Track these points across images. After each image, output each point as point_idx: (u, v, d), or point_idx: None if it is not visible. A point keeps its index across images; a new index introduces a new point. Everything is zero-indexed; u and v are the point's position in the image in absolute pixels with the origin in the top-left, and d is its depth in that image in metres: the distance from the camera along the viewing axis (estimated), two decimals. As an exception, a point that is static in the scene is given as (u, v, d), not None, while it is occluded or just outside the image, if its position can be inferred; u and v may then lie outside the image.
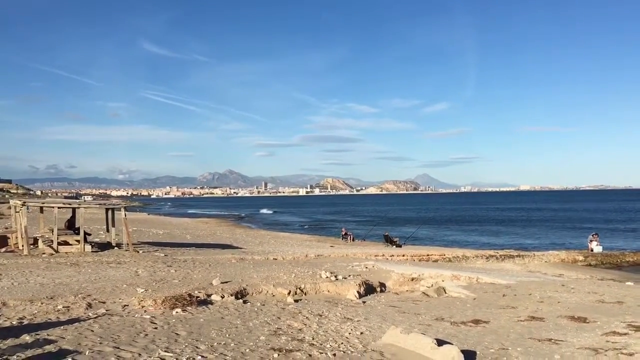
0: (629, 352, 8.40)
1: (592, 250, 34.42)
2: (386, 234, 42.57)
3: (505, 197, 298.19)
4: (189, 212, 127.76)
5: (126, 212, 24.88)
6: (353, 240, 45.04)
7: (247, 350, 8.22)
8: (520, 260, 29.85)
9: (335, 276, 16.57)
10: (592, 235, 36.62)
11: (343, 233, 47.11)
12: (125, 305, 11.17)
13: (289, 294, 13.86)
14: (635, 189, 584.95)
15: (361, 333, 9.74)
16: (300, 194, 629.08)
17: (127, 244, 23.58)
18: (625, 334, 9.71)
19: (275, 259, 23.76)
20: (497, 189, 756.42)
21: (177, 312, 10.73)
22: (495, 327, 10.62)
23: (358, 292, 14.67)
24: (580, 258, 31.82)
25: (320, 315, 11.35)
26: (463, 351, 7.97)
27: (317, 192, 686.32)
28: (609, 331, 9.97)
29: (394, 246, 37.69)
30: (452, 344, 8.25)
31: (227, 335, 9.10)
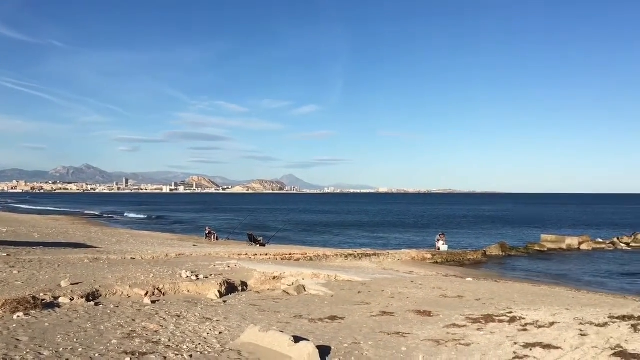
0: (466, 343, 9.33)
1: (439, 249, 37.25)
2: (250, 233, 42.61)
3: (365, 198, 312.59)
4: (38, 208, 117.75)
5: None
6: (217, 239, 44.47)
7: (97, 355, 7.82)
8: (376, 259, 31.44)
9: (197, 276, 16.29)
10: (440, 235, 39.68)
11: (207, 232, 46.32)
12: (-45, 311, 10.06)
13: (146, 294, 13.37)
14: (478, 193, 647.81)
15: (220, 333, 9.70)
16: (164, 191, 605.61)
17: (-39, 242, 21.21)
18: (463, 325, 10.74)
19: (133, 259, 22.72)
20: (359, 191, 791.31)
21: (18, 316, 9.88)
22: (349, 322, 11.15)
23: (219, 291, 14.55)
24: (429, 256, 34.29)
25: (179, 316, 11.11)
26: (319, 347, 8.29)
27: (182, 189, 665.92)
28: (450, 324, 10.96)
29: (258, 245, 37.83)
30: (308, 340, 8.53)
31: (74, 340, 8.57)
